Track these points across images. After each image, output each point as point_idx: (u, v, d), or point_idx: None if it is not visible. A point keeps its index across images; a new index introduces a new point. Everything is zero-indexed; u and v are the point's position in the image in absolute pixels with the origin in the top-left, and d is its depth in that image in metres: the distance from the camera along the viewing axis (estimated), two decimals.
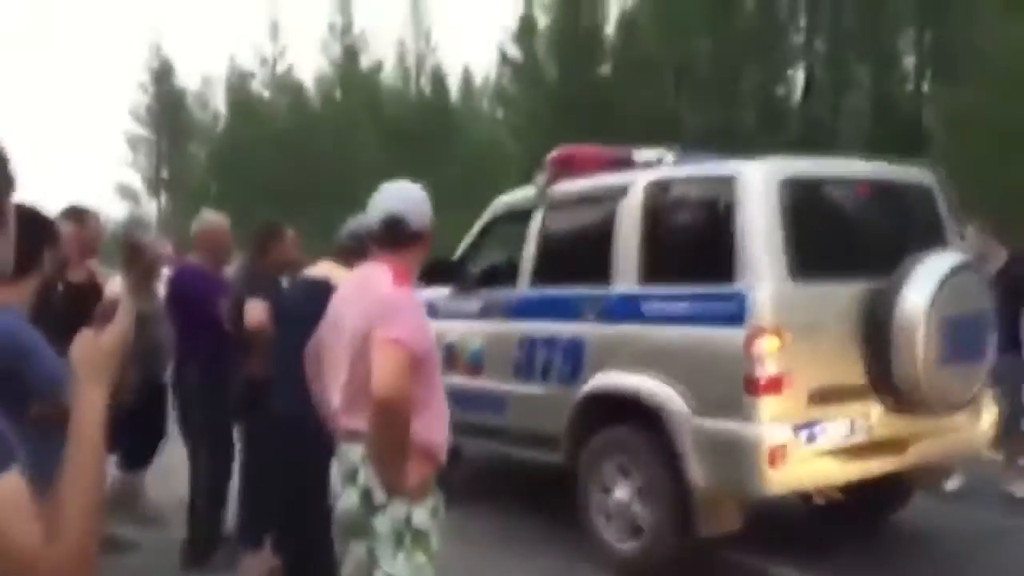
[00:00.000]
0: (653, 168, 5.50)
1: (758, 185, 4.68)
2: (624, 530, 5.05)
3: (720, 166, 5.06)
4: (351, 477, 2.75)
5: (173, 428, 5.57)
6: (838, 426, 4.71)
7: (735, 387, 4.54)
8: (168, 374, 5.61)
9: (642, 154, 5.92)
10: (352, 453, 2.75)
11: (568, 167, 5.90)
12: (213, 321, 5.11)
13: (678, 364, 4.80)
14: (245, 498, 5.08)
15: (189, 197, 42.60)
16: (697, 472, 4.68)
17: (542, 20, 36.15)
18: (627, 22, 37.10)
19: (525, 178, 6.47)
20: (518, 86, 36.50)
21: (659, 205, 5.12)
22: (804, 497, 5.37)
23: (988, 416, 5.34)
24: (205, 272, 5.40)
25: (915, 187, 5.35)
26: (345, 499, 2.78)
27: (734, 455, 4.54)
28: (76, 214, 5.19)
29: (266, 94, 42.25)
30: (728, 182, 4.78)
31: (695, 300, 4.77)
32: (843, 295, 4.77)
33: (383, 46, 43.84)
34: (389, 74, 39.99)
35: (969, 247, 6.50)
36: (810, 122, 35.93)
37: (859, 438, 4.80)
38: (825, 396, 4.66)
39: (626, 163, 5.86)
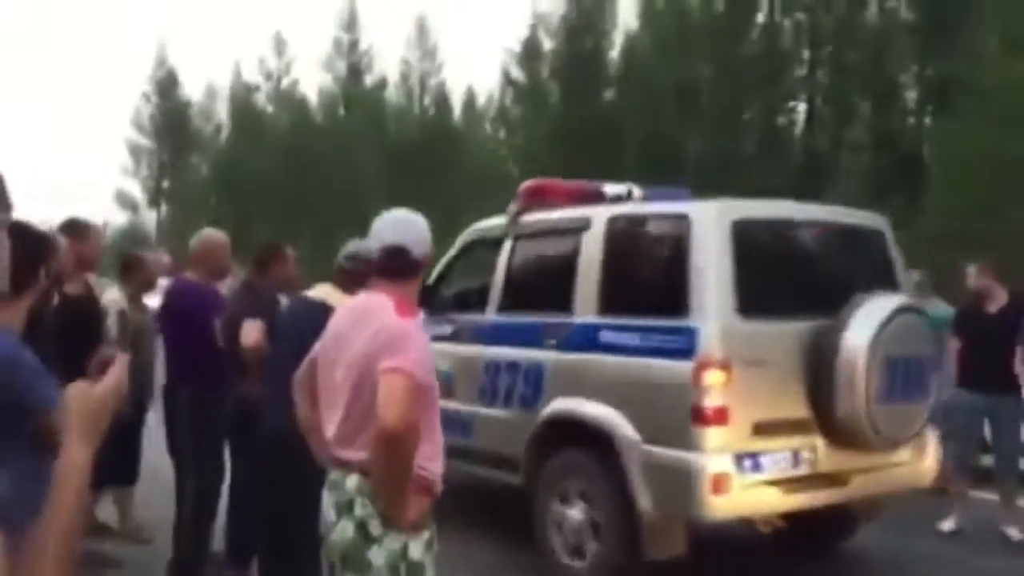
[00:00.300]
0: (617, 203, 5.77)
1: (710, 225, 4.95)
2: (575, 549, 5.28)
3: (675, 205, 5.35)
4: (347, 508, 2.72)
5: (163, 444, 5.58)
6: (781, 457, 4.96)
7: (682, 417, 4.79)
8: (157, 389, 5.69)
9: (611, 188, 6.20)
10: (348, 483, 2.73)
11: (539, 198, 6.17)
12: (206, 339, 5.13)
13: (630, 393, 5.05)
14: (233, 519, 5.11)
15: (189, 209, 42.99)
16: (644, 497, 4.92)
17: (547, 43, 36.56)
18: (631, 48, 37.51)
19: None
20: (521, 108, 36.88)
21: (618, 239, 5.39)
22: (747, 524, 5.58)
23: (931, 452, 5.58)
24: (201, 289, 5.41)
25: (866, 231, 5.62)
26: (339, 530, 2.74)
27: (679, 482, 4.79)
28: (76, 228, 5.26)
29: (269, 108, 42.71)
30: (682, 220, 5.06)
31: (648, 332, 5.03)
32: (789, 333, 5.03)
33: (388, 64, 44.30)
34: (393, 92, 40.43)
35: (969, 285, 6.78)
36: (811, 153, 36.29)
37: (802, 470, 5.04)
38: (769, 428, 4.91)
39: (596, 197, 6.14)
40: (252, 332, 4.69)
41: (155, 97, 44.52)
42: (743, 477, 4.79)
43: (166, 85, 44.55)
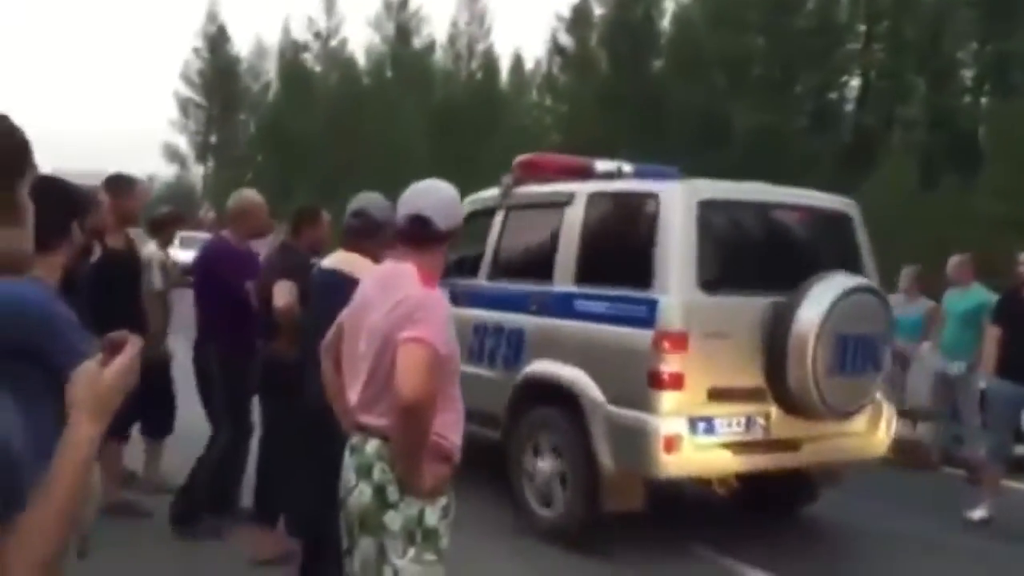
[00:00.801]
0: (603, 180, 6.24)
1: (677, 204, 5.42)
2: (545, 499, 5.82)
3: (647, 184, 5.82)
4: (366, 472, 2.81)
5: (192, 400, 5.69)
6: (735, 422, 5.44)
7: (641, 381, 5.29)
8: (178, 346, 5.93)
9: (602, 165, 6.66)
10: (368, 448, 2.82)
11: (532, 172, 6.66)
12: (236, 298, 5.29)
13: (598, 357, 5.56)
14: (262, 477, 5.24)
15: (235, 165, 43.96)
16: (605, 453, 5.44)
17: (597, 10, 36.67)
18: (683, 17, 37.48)
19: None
20: (568, 76, 37.12)
21: (596, 214, 5.88)
22: (703, 483, 6.07)
23: (886, 424, 6.02)
24: (235, 250, 5.52)
25: (834, 215, 6.04)
26: (358, 494, 2.83)
27: (635, 440, 5.30)
28: (119, 183, 5.50)
29: (317, 68, 43.43)
30: (653, 199, 5.53)
31: (617, 302, 5.53)
32: (748, 307, 5.49)
33: (436, 27, 44.67)
34: (440, 56, 40.90)
35: (1021, 271, 6.78)
36: (862, 130, 36.10)
37: (755, 435, 5.52)
38: (724, 395, 5.39)
39: (586, 172, 6.60)
40: (283, 294, 4.79)
41: (205, 52, 45.41)
42: (696, 439, 5.28)
43: (216, 40, 45.43)
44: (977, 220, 25.13)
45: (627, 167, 6.71)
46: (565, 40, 35.80)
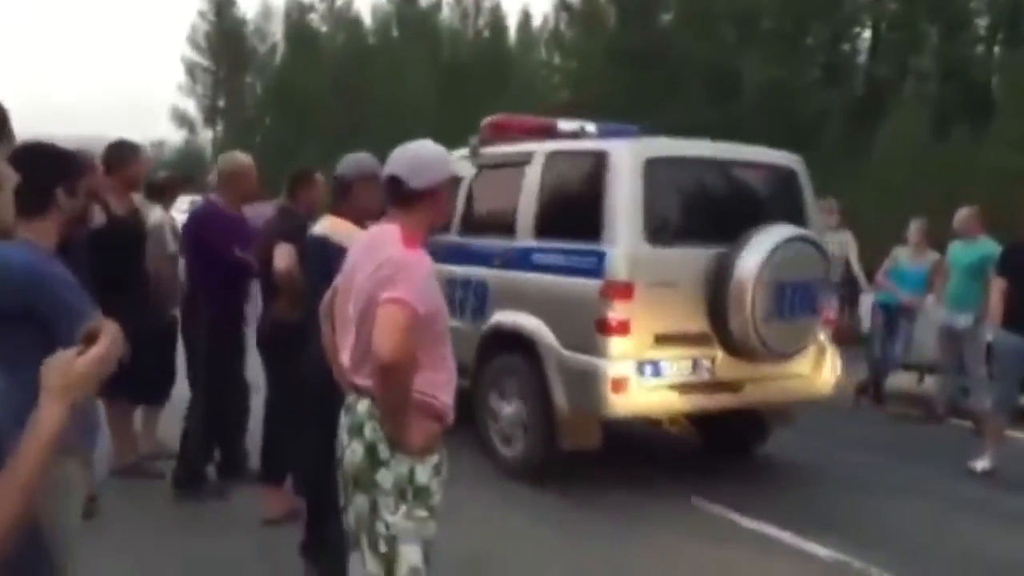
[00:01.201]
0: (557, 140, 6.70)
1: (625, 162, 5.88)
2: (508, 439, 6.34)
3: (599, 143, 6.27)
4: (358, 431, 2.90)
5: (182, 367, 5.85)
6: (681, 365, 5.93)
7: (591, 328, 5.79)
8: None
9: (565, 124, 7.11)
10: (359, 407, 2.92)
11: (499, 133, 7.11)
12: (225, 265, 5.44)
13: (554, 307, 6.05)
14: (268, 437, 5.38)
15: (243, 128, 44.41)
16: (560, 395, 5.95)
17: None
18: None
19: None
20: (575, 32, 37.17)
21: (553, 172, 6.34)
22: (652, 423, 6.56)
23: (829, 366, 6.49)
24: (224, 214, 5.63)
25: (778, 169, 6.48)
26: (351, 452, 2.93)
27: (586, 383, 5.80)
28: (121, 149, 5.68)
29: (324, 28, 43.69)
30: (603, 157, 5.98)
31: (570, 254, 6.01)
32: (693, 258, 5.96)
33: None
34: (447, 14, 41.07)
35: None
36: (873, 81, 36.08)
37: (701, 377, 6.02)
38: (670, 340, 5.88)
39: (550, 132, 7.05)
40: (283, 257, 4.90)
41: (211, 15, 45.74)
42: (643, 381, 5.78)
43: (222, 3, 45.73)
44: (989, 172, 25.29)
45: (590, 126, 7.16)
46: None
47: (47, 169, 2.68)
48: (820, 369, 6.48)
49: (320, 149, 35.83)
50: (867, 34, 36.89)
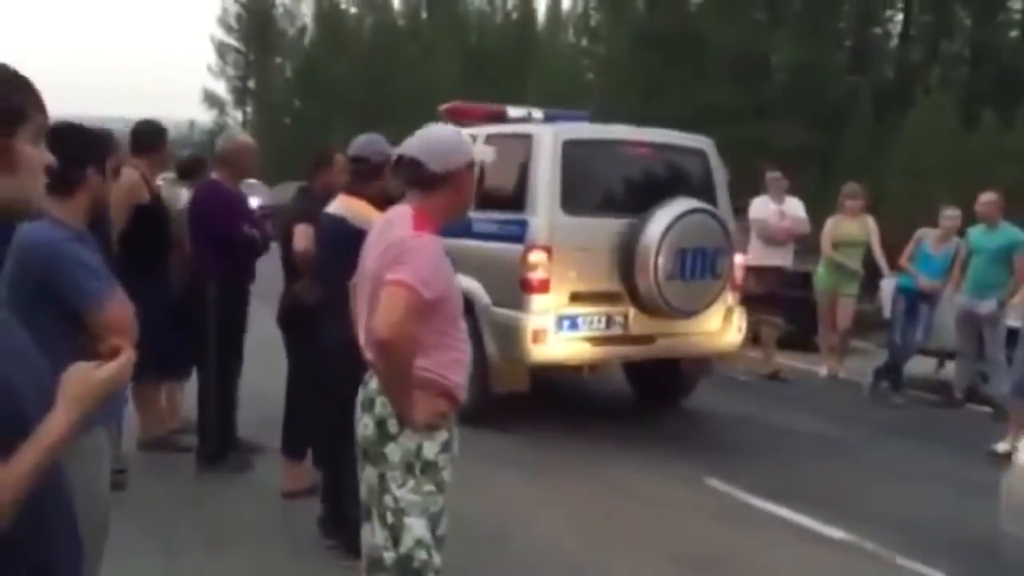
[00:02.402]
0: (502, 124, 7.83)
1: (547, 143, 7.01)
2: None
3: (526, 127, 7.41)
4: (369, 406, 3.06)
5: None
6: (595, 320, 7.05)
7: (515, 287, 6.92)
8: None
9: (514, 111, 8.25)
10: (372, 383, 3.08)
11: (457, 117, 8.24)
12: (230, 239, 5.66)
13: (486, 269, 7.19)
14: (289, 413, 5.61)
15: (273, 109, 45.86)
16: (491, 345, 7.10)
17: None
18: None
19: (603, 109, 8.29)
20: (603, 15, 37.97)
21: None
22: (574, 369, 7.64)
23: (736, 325, 7.57)
24: (227, 192, 5.83)
25: (689, 150, 7.57)
26: (362, 426, 3.09)
27: (511, 334, 6.94)
28: (148, 130, 6.01)
29: (353, 10, 45.02)
30: (529, 139, 7.11)
31: (501, 224, 7.15)
32: (606, 226, 7.07)
33: None
34: None
35: None
36: (904, 66, 36.54)
37: (615, 331, 7.13)
38: (585, 298, 7.01)
39: (501, 118, 8.18)
40: (302, 237, 5.10)
41: None
42: (560, 333, 6.92)
43: None
44: (1019, 157, 25.70)
45: (537, 113, 8.28)
46: None
47: (77, 149, 2.76)
48: (727, 327, 7.57)
49: (348, 131, 36.97)
50: (898, 18, 37.33)
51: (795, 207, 9.77)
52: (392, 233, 2.98)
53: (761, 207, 9.47)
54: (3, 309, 1.66)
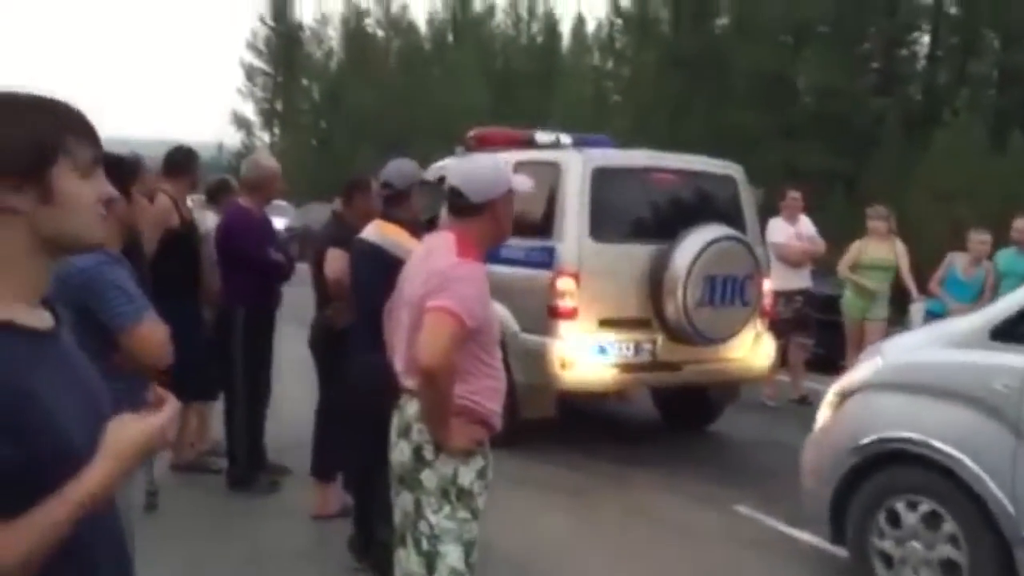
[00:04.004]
0: (531, 150, 7.85)
1: (575, 170, 7.02)
2: None
3: (555, 154, 7.43)
4: (405, 431, 3.10)
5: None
6: (623, 347, 7.04)
7: (543, 313, 6.92)
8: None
9: (542, 136, 8.27)
10: (409, 408, 3.10)
11: (483, 143, 8.28)
12: (258, 263, 5.76)
13: (515, 295, 7.19)
14: (319, 436, 5.62)
15: (299, 132, 46.20)
16: (519, 372, 7.08)
17: None
18: None
19: (630, 132, 8.38)
20: (629, 38, 38.08)
21: None
22: (601, 394, 7.63)
23: (764, 351, 7.53)
24: (254, 217, 5.91)
25: (718, 177, 7.55)
26: (398, 452, 3.13)
27: (539, 361, 6.94)
28: (179, 155, 6.15)
29: (380, 33, 45.37)
30: (557, 166, 7.12)
31: (528, 250, 7.15)
32: (635, 253, 7.07)
33: None
34: (501, 20, 42.43)
35: None
36: (932, 88, 36.43)
37: (643, 358, 7.11)
38: (613, 324, 7.00)
39: (529, 143, 8.20)
40: (334, 263, 5.13)
41: (270, 19, 47.61)
42: (589, 359, 6.90)
43: (281, 8, 47.57)
44: None
45: (565, 138, 8.30)
46: (625, 2, 36.85)
47: (110, 173, 3.14)
48: (755, 353, 7.53)
49: (374, 152, 37.27)
50: (925, 39, 37.22)
51: (807, 226, 9.75)
52: (435, 260, 3.03)
53: (778, 230, 9.39)
54: (69, 332, 1.65)
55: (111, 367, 2.47)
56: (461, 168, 3.22)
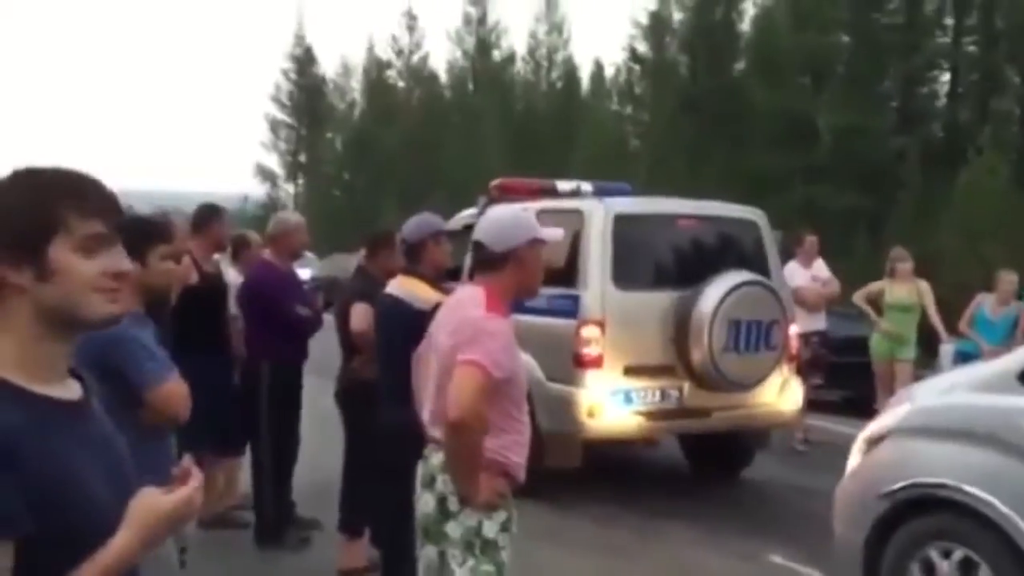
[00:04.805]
0: (552, 199, 7.89)
1: (597, 218, 7.06)
2: None
3: (577, 202, 7.47)
4: (430, 482, 3.13)
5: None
6: (650, 394, 7.02)
7: (568, 361, 6.93)
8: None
9: (563, 185, 8.32)
10: (434, 459, 3.13)
11: (506, 192, 8.33)
12: (283, 318, 5.77)
13: (539, 344, 7.17)
14: (347, 489, 5.63)
15: (323, 182, 46.68)
16: (544, 420, 7.06)
17: (676, 15, 37.81)
18: (764, 17, 38.27)
19: (648, 176, 8.45)
20: (646, 83, 38.33)
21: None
22: (628, 441, 7.60)
23: (792, 397, 7.49)
24: (280, 271, 5.96)
25: (740, 222, 7.57)
26: (423, 503, 3.15)
27: (565, 409, 6.93)
28: (206, 212, 6.16)
29: (401, 84, 45.93)
30: (579, 214, 7.16)
31: (552, 299, 7.15)
32: (659, 300, 7.08)
33: (516, 38, 46.62)
34: (520, 67, 42.89)
35: None
36: (952, 126, 36.39)
37: (670, 405, 7.10)
38: (639, 371, 6.99)
39: (550, 192, 8.25)
40: (359, 317, 5.17)
41: (293, 73, 48.36)
42: (614, 407, 6.90)
43: (304, 62, 48.37)
44: None
45: (586, 186, 8.34)
46: (642, 48, 37.15)
47: (131, 236, 2.89)
48: (783, 398, 7.49)
49: (398, 203, 37.57)
50: (945, 77, 37.24)
51: (821, 269, 9.80)
52: (464, 312, 3.07)
53: (794, 273, 9.35)
54: (99, 402, 1.66)
55: (135, 423, 2.57)
56: (483, 220, 3.30)
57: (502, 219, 3.26)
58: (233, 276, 6.55)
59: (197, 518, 6.20)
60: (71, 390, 1.57)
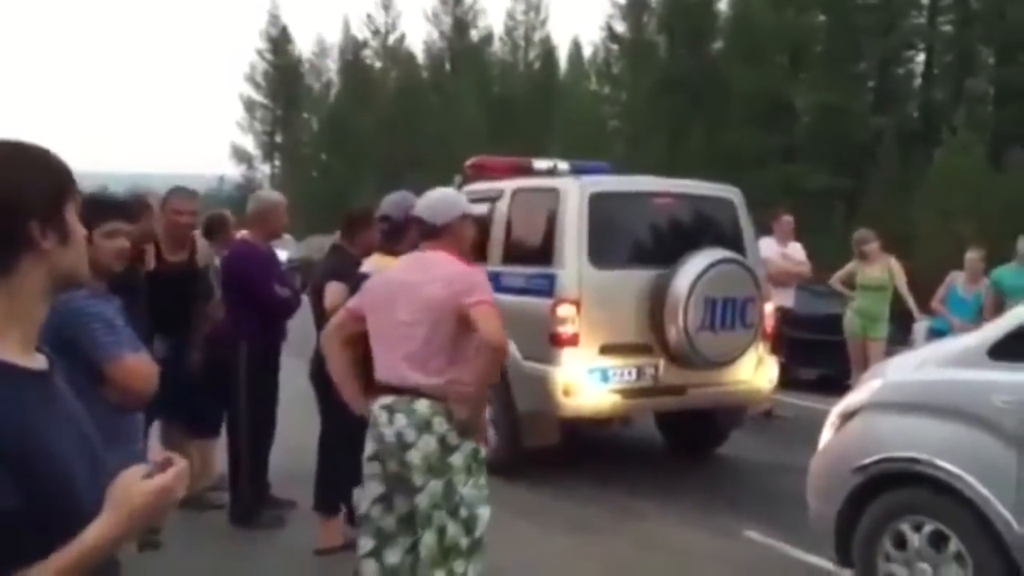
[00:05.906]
0: (528, 177, 7.88)
1: (573, 196, 7.04)
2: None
3: (553, 181, 7.45)
4: (426, 427, 3.51)
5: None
6: (626, 372, 7.03)
7: (545, 340, 6.92)
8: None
9: (539, 163, 8.31)
10: (419, 407, 3.53)
11: (481, 171, 8.32)
12: (263, 297, 5.75)
13: (515, 323, 7.11)
14: (322, 468, 5.63)
15: (300, 163, 46.44)
16: (521, 399, 7.09)
17: None
18: None
19: (626, 155, 8.39)
20: (624, 62, 38.31)
21: (517, 207, 7.52)
22: (604, 420, 7.63)
23: (768, 375, 7.53)
24: (259, 251, 5.93)
25: (716, 200, 7.58)
26: (423, 445, 3.51)
27: (541, 388, 6.93)
28: (180, 194, 6.03)
29: (377, 64, 45.68)
30: (555, 193, 7.15)
31: (528, 278, 7.18)
32: (635, 278, 7.07)
33: (493, 18, 46.47)
34: (497, 47, 42.72)
35: None
36: (929, 106, 36.57)
37: (645, 383, 7.10)
38: (615, 350, 6.99)
39: (527, 171, 8.24)
40: (334, 295, 5.12)
41: (268, 54, 48.02)
42: (590, 385, 6.90)
43: (279, 41, 48.02)
44: None
45: (563, 164, 8.33)
46: (620, 27, 37.12)
47: (92, 214, 2.78)
48: (759, 376, 7.52)
49: (374, 182, 37.43)
50: (920, 58, 37.37)
51: (797, 251, 9.90)
52: (438, 270, 3.57)
53: (765, 246, 9.39)
54: (61, 378, 1.65)
55: (98, 399, 2.57)
56: (423, 199, 3.85)
57: (440, 197, 3.83)
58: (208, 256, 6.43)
59: None
60: (38, 361, 1.57)
